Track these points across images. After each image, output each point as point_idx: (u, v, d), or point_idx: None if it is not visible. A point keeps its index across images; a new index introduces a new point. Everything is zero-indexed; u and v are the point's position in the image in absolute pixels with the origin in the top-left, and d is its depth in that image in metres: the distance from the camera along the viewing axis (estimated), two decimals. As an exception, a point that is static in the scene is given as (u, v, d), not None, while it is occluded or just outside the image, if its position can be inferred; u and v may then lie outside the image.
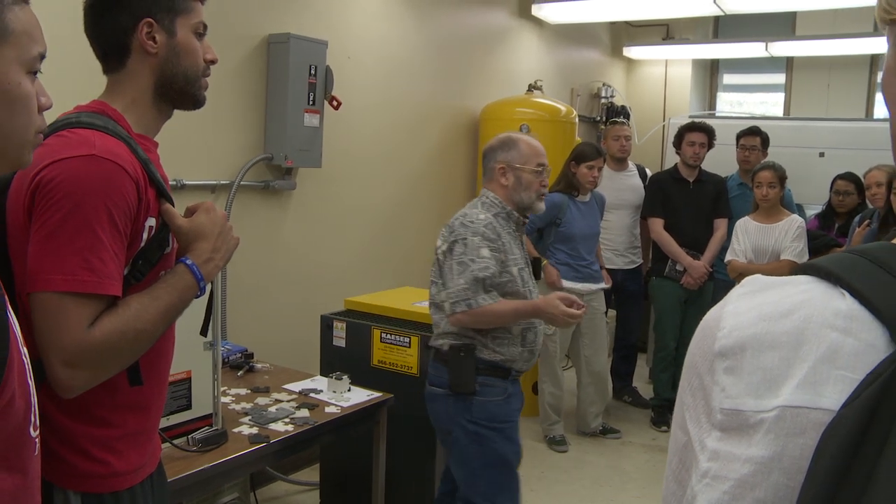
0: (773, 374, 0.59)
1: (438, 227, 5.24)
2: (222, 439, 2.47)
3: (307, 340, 3.96)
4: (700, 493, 0.62)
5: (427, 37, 5.09)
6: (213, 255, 1.58)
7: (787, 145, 5.94)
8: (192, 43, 1.59)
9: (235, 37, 3.79)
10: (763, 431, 0.58)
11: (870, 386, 0.54)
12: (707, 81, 8.66)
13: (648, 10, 6.32)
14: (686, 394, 0.67)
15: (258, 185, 3.97)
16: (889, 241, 0.64)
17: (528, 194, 3.04)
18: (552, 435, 4.95)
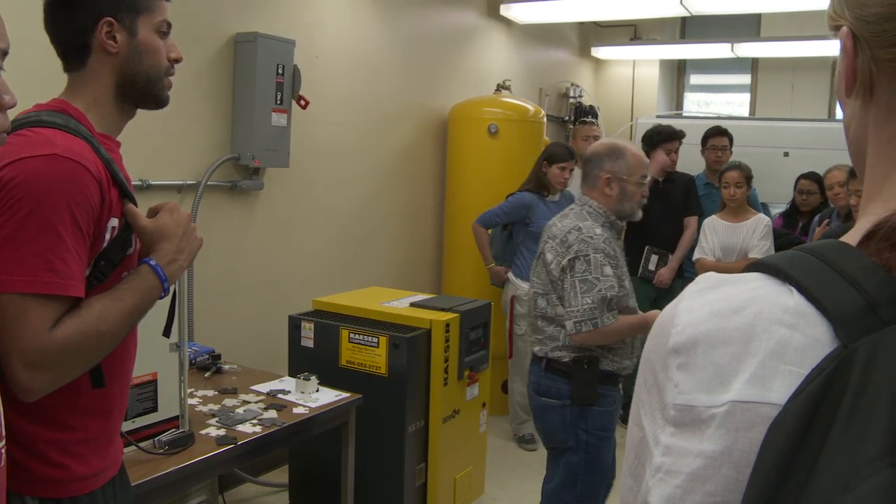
0: (724, 369, 0.60)
1: (406, 227, 5.31)
2: (189, 441, 2.45)
3: (275, 341, 3.94)
4: (654, 487, 0.62)
5: (395, 36, 5.08)
6: (177, 256, 1.56)
7: (753, 145, 6.01)
8: (154, 42, 1.57)
9: (202, 36, 3.77)
10: (714, 426, 0.59)
11: (814, 380, 0.55)
12: (674, 81, 8.73)
13: (616, 11, 6.36)
14: (642, 390, 0.68)
15: (225, 185, 3.95)
16: (839, 238, 0.65)
17: (630, 205, 3.01)
18: (522, 433, 4.97)
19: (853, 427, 0.51)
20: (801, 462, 0.53)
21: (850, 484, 0.49)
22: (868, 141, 0.69)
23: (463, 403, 3.72)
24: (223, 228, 3.97)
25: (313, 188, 4.50)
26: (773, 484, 0.54)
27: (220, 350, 3.43)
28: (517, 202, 4.81)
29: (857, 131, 0.71)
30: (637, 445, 0.68)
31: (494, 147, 5.25)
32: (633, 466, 0.68)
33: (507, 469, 4.58)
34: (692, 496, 0.60)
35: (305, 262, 4.49)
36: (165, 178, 3.64)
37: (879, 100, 0.67)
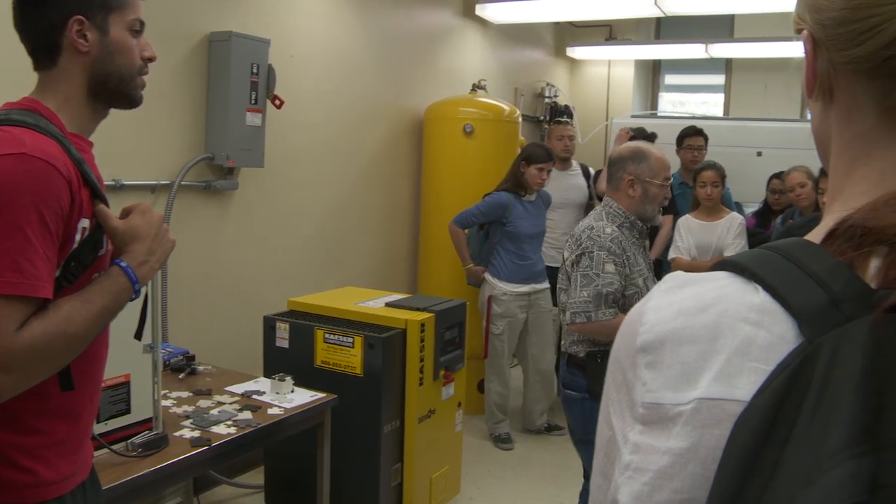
0: (690, 367, 0.61)
1: (382, 227, 5.31)
2: (163, 443, 2.43)
3: (250, 342, 3.92)
4: (622, 485, 0.63)
5: (371, 36, 5.08)
6: (149, 258, 1.54)
7: (727, 145, 6.06)
8: (126, 41, 1.55)
9: (176, 35, 3.74)
10: (681, 423, 0.60)
11: (778, 376, 0.55)
12: (649, 81, 8.79)
13: (591, 11, 6.39)
14: (611, 389, 0.68)
15: (199, 185, 3.92)
16: (802, 230, 0.65)
17: (652, 207, 3.08)
18: (498, 433, 4.97)
19: (817, 421, 0.52)
20: (767, 457, 0.53)
21: (812, 477, 0.50)
22: (832, 141, 0.70)
23: (438, 403, 3.72)
24: (197, 229, 3.94)
25: (288, 188, 4.49)
26: (739, 479, 0.54)
27: (195, 351, 3.41)
28: (494, 202, 4.82)
29: (821, 132, 0.72)
30: (607, 444, 0.68)
31: (470, 147, 5.25)
32: (603, 465, 0.69)
33: (483, 468, 4.58)
34: (660, 493, 0.60)
35: (280, 263, 4.47)
36: (139, 178, 3.61)
37: (839, 101, 0.68)
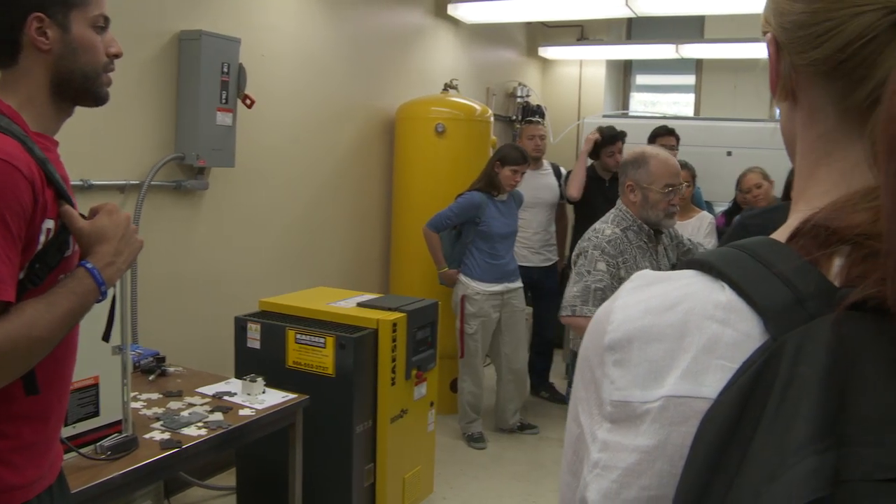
0: (658, 365, 0.61)
1: (354, 227, 5.30)
2: (132, 446, 2.41)
3: (221, 343, 3.90)
4: (591, 483, 0.63)
5: (342, 35, 5.06)
6: (116, 259, 1.52)
7: (697, 144, 6.10)
8: (89, 38, 1.52)
9: (145, 33, 3.71)
10: (649, 421, 0.60)
11: (744, 374, 0.56)
12: (620, 81, 8.83)
13: (563, 11, 6.41)
14: (579, 387, 0.69)
15: (169, 185, 3.89)
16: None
17: (654, 213, 3.09)
18: (471, 432, 4.98)
19: (781, 418, 0.52)
20: (732, 454, 0.54)
21: (776, 473, 0.50)
22: (797, 141, 0.71)
23: (411, 403, 3.72)
24: (167, 229, 3.91)
25: (259, 188, 4.46)
26: (705, 476, 0.55)
27: (165, 352, 3.39)
28: (467, 202, 4.82)
29: (788, 132, 0.73)
30: (575, 442, 0.68)
31: (441, 146, 5.25)
32: (571, 462, 0.69)
33: (456, 468, 4.59)
34: (628, 490, 0.61)
35: (251, 263, 4.44)
36: (108, 178, 3.57)
37: (802, 102, 0.69)
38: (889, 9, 0.59)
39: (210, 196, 4.13)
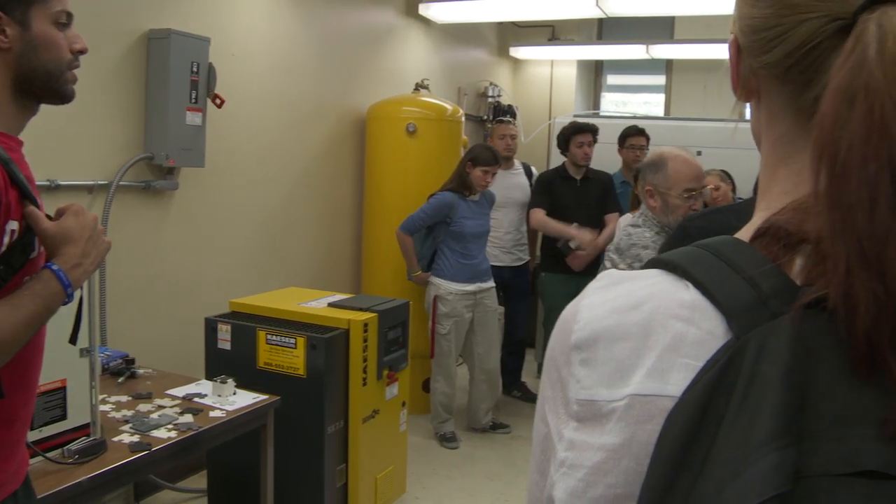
0: (623, 364, 0.62)
1: (325, 227, 5.28)
2: (101, 449, 2.39)
3: (191, 344, 3.87)
4: (558, 481, 0.64)
5: (313, 34, 5.04)
6: (82, 261, 1.50)
7: (667, 144, 6.13)
8: (51, 35, 1.50)
9: (113, 31, 3.67)
10: (615, 420, 0.61)
11: (708, 372, 0.56)
12: (591, 81, 8.87)
13: (534, 12, 6.43)
14: (546, 387, 0.69)
15: (138, 185, 3.85)
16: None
17: (675, 217, 2.95)
18: (443, 432, 4.98)
19: (744, 415, 0.53)
20: (696, 451, 0.54)
21: (739, 469, 0.51)
22: (762, 141, 0.72)
23: (382, 403, 3.71)
24: (137, 229, 3.88)
25: (230, 188, 4.44)
26: (670, 473, 0.55)
27: (134, 354, 3.36)
28: (439, 202, 4.82)
29: (755, 131, 0.74)
30: (543, 441, 0.69)
31: (412, 146, 5.25)
32: (539, 462, 0.70)
33: (429, 468, 4.59)
34: (594, 489, 0.61)
35: (222, 263, 4.42)
36: (75, 178, 3.53)
37: (764, 103, 0.71)
38: (831, 16, 0.60)
39: (180, 196, 4.10)
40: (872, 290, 0.52)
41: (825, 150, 0.56)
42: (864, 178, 0.53)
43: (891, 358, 0.51)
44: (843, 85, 0.55)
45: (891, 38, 0.54)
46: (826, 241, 0.56)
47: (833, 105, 0.56)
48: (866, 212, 0.53)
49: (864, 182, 0.53)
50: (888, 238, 0.52)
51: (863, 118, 0.54)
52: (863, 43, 0.55)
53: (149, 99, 3.84)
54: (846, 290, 0.53)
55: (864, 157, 0.53)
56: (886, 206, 0.52)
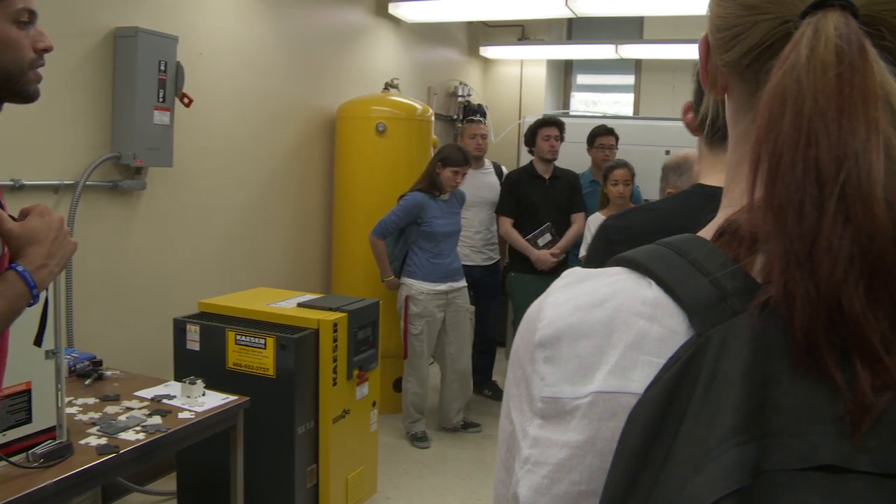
0: (587, 361, 0.62)
1: (294, 227, 5.26)
2: (67, 452, 2.36)
3: (160, 345, 3.84)
4: (522, 479, 0.64)
5: (282, 33, 5.02)
6: (48, 262, 1.49)
7: (636, 143, 6.18)
8: (11, 34, 1.47)
9: (79, 29, 3.63)
10: (578, 417, 0.61)
11: (670, 369, 0.57)
12: (561, 81, 8.91)
13: (504, 11, 6.44)
14: (511, 385, 0.70)
15: (105, 185, 3.81)
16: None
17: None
18: (414, 432, 4.98)
19: (705, 411, 0.54)
20: (659, 448, 0.55)
21: (700, 465, 0.51)
22: (729, 138, 0.74)
23: (353, 403, 3.70)
24: (104, 230, 3.84)
25: (199, 188, 4.40)
26: (633, 470, 0.56)
27: (102, 356, 3.32)
28: (410, 203, 4.82)
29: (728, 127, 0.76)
30: (508, 438, 0.69)
31: (382, 145, 5.24)
32: (505, 459, 0.70)
33: (399, 467, 4.58)
34: (558, 485, 0.62)
35: (191, 264, 4.38)
36: (40, 178, 3.49)
37: (730, 101, 0.73)
38: (782, 19, 0.61)
39: (148, 196, 4.07)
40: (805, 287, 0.53)
41: (760, 152, 0.57)
42: (793, 180, 0.55)
43: (827, 354, 0.53)
44: (777, 88, 0.57)
45: (822, 43, 0.56)
46: (763, 241, 0.57)
47: (767, 107, 0.57)
48: (795, 213, 0.54)
49: (793, 184, 0.55)
50: (816, 239, 0.53)
51: (792, 121, 0.55)
52: (798, 47, 0.57)
53: (116, 98, 3.81)
54: (783, 289, 0.55)
55: (792, 159, 0.55)
56: (812, 207, 0.54)
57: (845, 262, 0.53)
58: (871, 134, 0.54)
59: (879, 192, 0.53)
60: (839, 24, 0.56)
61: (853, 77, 0.55)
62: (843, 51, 0.55)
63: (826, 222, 0.53)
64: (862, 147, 0.53)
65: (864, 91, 0.54)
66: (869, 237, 0.53)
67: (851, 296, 0.52)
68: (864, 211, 0.53)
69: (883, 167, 0.53)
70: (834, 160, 0.54)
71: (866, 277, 0.53)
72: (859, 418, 0.51)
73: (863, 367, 0.52)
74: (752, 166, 0.58)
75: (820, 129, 0.54)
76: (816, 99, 0.55)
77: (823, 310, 0.53)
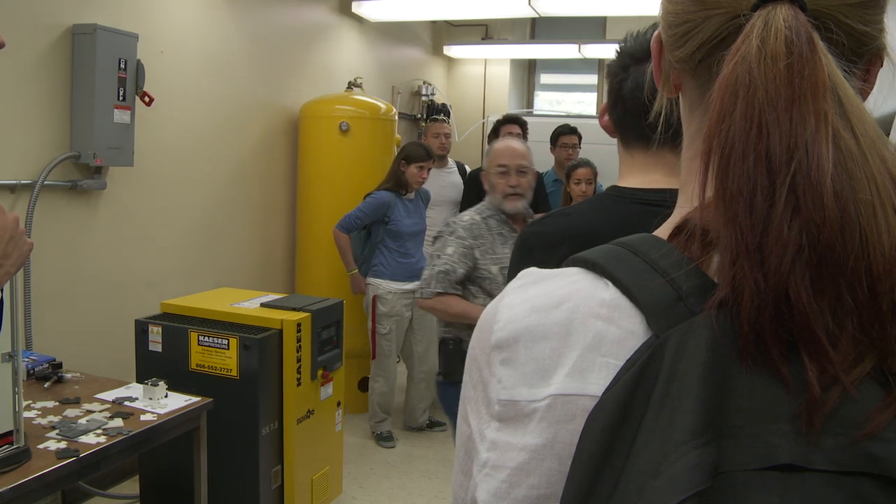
0: (544, 363, 0.62)
1: (258, 226, 5.23)
2: (24, 457, 2.32)
3: (122, 347, 3.79)
4: (480, 482, 0.63)
5: (244, 32, 4.98)
6: (3, 262, 1.47)
7: (599, 142, 6.18)
8: None
9: (36, 26, 3.57)
10: (536, 420, 0.61)
11: (628, 371, 0.57)
12: (525, 80, 8.93)
13: (467, 11, 6.44)
14: (468, 387, 0.69)
15: (64, 184, 3.76)
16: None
17: (495, 196, 3.19)
18: (380, 431, 4.97)
19: (664, 413, 0.54)
20: (618, 450, 0.55)
21: (660, 468, 0.51)
22: (683, 135, 0.74)
23: (317, 403, 3.69)
24: (63, 230, 3.78)
25: (160, 187, 4.36)
26: (592, 473, 0.55)
27: (62, 358, 3.26)
28: (376, 201, 4.81)
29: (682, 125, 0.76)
30: (466, 442, 0.69)
31: (346, 145, 5.22)
32: (463, 463, 0.69)
33: (365, 467, 4.57)
34: (517, 490, 0.61)
35: (152, 264, 4.34)
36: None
37: (683, 98, 0.73)
38: (733, 13, 0.61)
39: (108, 196, 4.01)
40: (754, 278, 0.54)
41: (711, 143, 0.57)
42: (744, 171, 0.55)
43: (773, 347, 0.53)
44: (728, 80, 0.57)
45: (772, 34, 0.57)
46: (714, 233, 0.58)
47: (719, 99, 0.58)
48: (746, 203, 0.55)
49: (744, 175, 0.55)
50: (766, 229, 0.54)
51: (743, 112, 0.56)
52: (749, 39, 0.58)
53: (74, 96, 3.75)
54: (732, 281, 0.55)
55: (744, 150, 0.55)
56: (763, 197, 0.54)
57: (793, 253, 0.53)
58: (821, 125, 0.54)
59: (829, 182, 0.53)
60: (788, 17, 0.57)
61: (803, 68, 0.55)
62: (792, 42, 0.56)
63: (776, 212, 0.54)
64: (812, 138, 0.54)
65: (814, 82, 0.55)
66: (817, 227, 0.53)
67: (798, 286, 0.53)
68: (814, 201, 0.53)
69: (832, 158, 0.54)
70: (785, 151, 0.54)
71: (813, 268, 0.53)
72: (812, 416, 0.51)
73: (809, 359, 0.52)
74: (703, 158, 0.58)
75: (771, 119, 0.55)
76: (767, 89, 0.55)
77: (771, 301, 0.53)
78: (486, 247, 3.12)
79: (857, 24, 0.61)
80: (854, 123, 0.55)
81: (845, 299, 0.53)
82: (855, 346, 0.53)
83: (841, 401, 0.51)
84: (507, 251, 3.13)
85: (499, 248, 3.14)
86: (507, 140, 3.38)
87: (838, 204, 0.53)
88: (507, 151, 3.24)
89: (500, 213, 3.19)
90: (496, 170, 3.19)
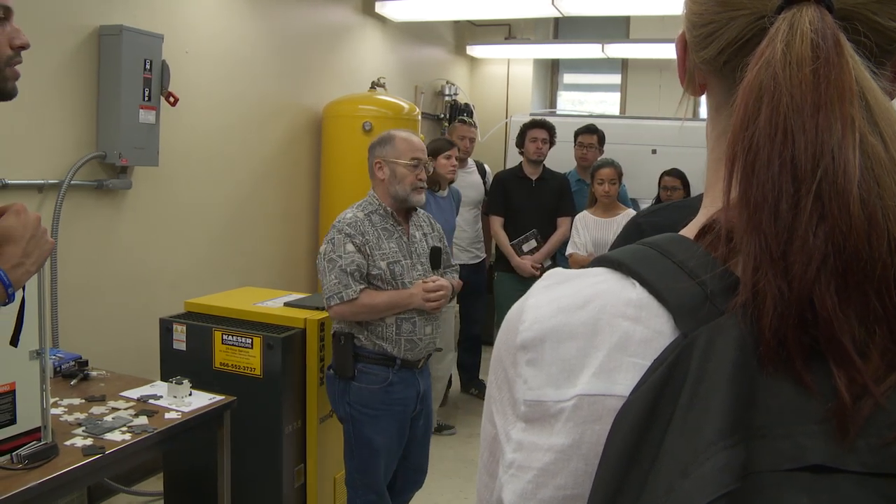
0: (571, 364, 0.62)
1: (281, 226, 5.25)
2: (52, 453, 2.34)
3: (146, 345, 3.82)
4: (506, 483, 0.63)
5: (269, 32, 5.00)
6: (24, 260, 1.47)
7: (623, 142, 6.19)
8: None
9: (63, 27, 3.61)
10: (563, 420, 0.61)
11: (656, 371, 0.56)
12: (548, 80, 8.91)
13: (490, 10, 6.44)
14: (493, 387, 0.69)
15: (91, 184, 3.80)
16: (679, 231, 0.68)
17: (402, 187, 3.23)
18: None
19: (692, 413, 0.53)
20: (646, 450, 0.54)
21: (689, 468, 0.51)
22: (708, 136, 0.73)
23: (341, 403, 3.69)
24: (89, 229, 3.82)
25: (185, 187, 4.39)
26: (620, 473, 0.55)
27: (88, 356, 3.30)
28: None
29: (706, 127, 0.75)
30: (491, 442, 0.68)
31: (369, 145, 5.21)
32: (488, 463, 0.69)
33: (387, 467, 4.57)
34: (544, 490, 0.61)
35: (177, 263, 4.37)
36: (24, 178, 3.47)
37: (708, 99, 0.72)
38: (758, 14, 0.61)
39: (133, 195, 4.05)
40: (778, 287, 0.53)
41: (736, 149, 0.57)
42: (769, 178, 0.54)
43: (795, 354, 0.53)
44: (752, 85, 0.57)
45: (798, 38, 0.56)
46: (737, 239, 0.57)
47: (743, 104, 0.57)
48: (771, 211, 0.54)
49: (769, 181, 0.54)
50: (791, 236, 0.53)
51: (768, 118, 0.55)
52: (773, 42, 0.57)
53: (101, 96, 3.79)
54: (752, 288, 0.54)
55: (769, 156, 0.54)
56: (788, 204, 0.53)
57: (819, 261, 0.52)
58: (847, 130, 0.53)
59: (855, 189, 0.52)
60: (814, 19, 0.56)
61: (829, 72, 0.54)
62: (818, 46, 0.55)
63: (801, 221, 0.53)
64: (838, 144, 0.53)
65: (840, 87, 0.54)
66: (844, 235, 0.52)
67: (823, 295, 0.52)
68: (840, 209, 0.52)
69: (859, 164, 0.53)
70: (811, 157, 0.53)
71: (839, 276, 0.52)
72: (845, 424, 0.50)
73: (837, 369, 0.52)
74: (728, 163, 0.58)
75: (796, 125, 0.54)
76: (793, 94, 0.54)
77: (795, 309, 0.53)
78: (372, 243, 3.12)
79: (886, 21, 0.60)
80: (882, 128, 0.54)
81: (874, 307, 0.52)
82: (884, 356, 0.52)
83: (872, 411, 0.51)
84: (394, 245, 3.16)
85: (384, 243, 3.15)
86: (409, 133, 3.40)
87: (865, 211, 0.52)
88: (418, 145, 3.31)
89: (383, 207, 3.22)
90: (408, 162, 3.23)
